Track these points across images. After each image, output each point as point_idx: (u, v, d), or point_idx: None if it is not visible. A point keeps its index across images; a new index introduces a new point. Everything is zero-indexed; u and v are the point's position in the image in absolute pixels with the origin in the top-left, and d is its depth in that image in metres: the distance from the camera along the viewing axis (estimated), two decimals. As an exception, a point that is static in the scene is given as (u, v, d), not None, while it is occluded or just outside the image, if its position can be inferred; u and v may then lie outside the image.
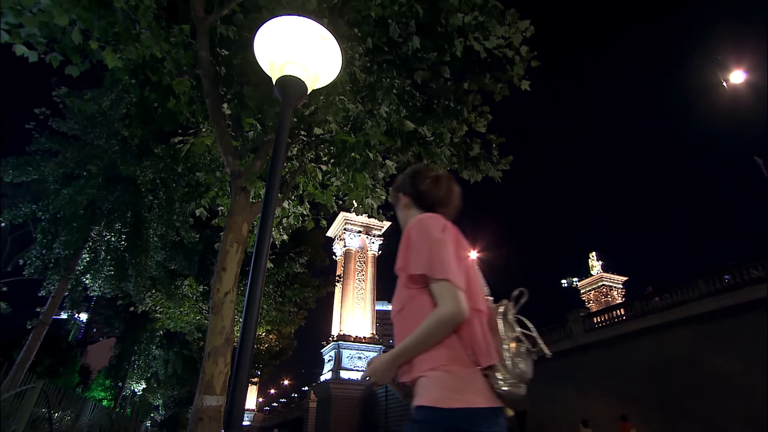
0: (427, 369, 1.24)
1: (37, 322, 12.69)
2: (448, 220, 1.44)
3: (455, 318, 1.21)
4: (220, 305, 4.55)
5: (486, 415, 1.18)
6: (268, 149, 5.37)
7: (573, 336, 21.42)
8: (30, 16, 3.89)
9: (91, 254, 13.27)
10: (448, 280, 1.24)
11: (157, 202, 12.62)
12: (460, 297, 1.23)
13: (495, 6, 5.23)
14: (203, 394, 4.14)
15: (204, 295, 14.55)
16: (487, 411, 1.19)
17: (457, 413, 1.15)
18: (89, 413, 10.34)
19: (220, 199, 6.78)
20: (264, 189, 2.43)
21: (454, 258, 1.30)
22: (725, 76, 17.79)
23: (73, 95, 11.77)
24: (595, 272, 75.30)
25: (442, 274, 1.25)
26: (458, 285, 1.25)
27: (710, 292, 16.11)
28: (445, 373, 1.21)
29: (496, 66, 5.68)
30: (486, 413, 1.19)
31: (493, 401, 1.22)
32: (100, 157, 12.02)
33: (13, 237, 16.54)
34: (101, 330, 62.59)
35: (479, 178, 6.30)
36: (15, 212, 12.46)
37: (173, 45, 4.58)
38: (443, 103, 5.91)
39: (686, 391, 15.97)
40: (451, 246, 1.32)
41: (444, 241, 1.32)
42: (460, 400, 1.17)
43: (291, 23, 2.23)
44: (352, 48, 5.05)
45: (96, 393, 28.36)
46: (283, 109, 2.18)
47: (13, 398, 6.59)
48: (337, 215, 44.64)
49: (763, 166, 17.74)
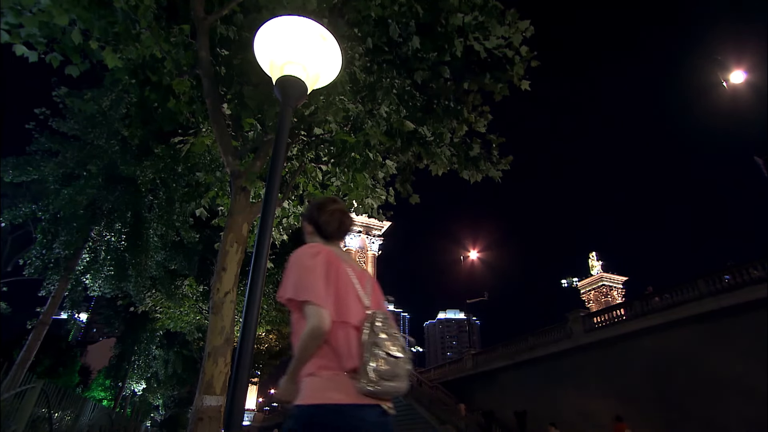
0: (303, 376, 1.48)
1: (37, 322, 12.69)
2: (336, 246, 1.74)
3: (316, 332, 1.42)
4: (220, 305, 4.55)
5: (347, 410, 1.39)
6: (268, 149, 5.37)
7: (573, 336, 21.41)
8: (30, 16, 3.89)
9: (91, 254, 13.27)
10: (309, 301, 1.45)
11: (157, 202, 12.63)
12: (321, 314, 1.44)
13: (495, 6, 5.23)
14: (203, 394, 4.14)
15: (204, 295, 14.55)
16: (349, 407, 1.39)
17: (319, 408, 1.38)
18: (89, 413, 10.34)
19: (220, 199, 6.77)
20: (264, 189, 2.43)
21: (322, 280, 1.51)
22: (725, 76, 17.79)
23: (73, 95, 11.77)
24: (595, 272, 75.31)
25: (304, 296, 1.46)
26: (319, 304, 1.45)
27: (710, 292, 16.10)
28: (313, 377, 1.45)
29: (496, 66, 5.68)
30: (347, 408, 1.39)
31: (357, 399, 1.41)
32: (100, 157, 12.03)
33: (13, 237, 16.53)
34: (101, 330, 62.61)
35: (479, 178, 6.28)
36: (15, 212, 12.46)
37: (173, 45, 4.58)
38: (443, 103, 5.91)
39: (686, 391, 15.96)
40: (319, 270, 1.53)
41: (311, 268, 1.53)
42: (322, 398, 1.40)
43: (291, 23, 2.23)
44: (352, 48, 5.05)
45: (96, 393, 28.36)
46: (283, 109, 2.18)
47: (13, 398, 6.59)
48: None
49: (763, 166, 17.74)
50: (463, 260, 45.05)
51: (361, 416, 1.40)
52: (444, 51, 5.45)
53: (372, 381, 1.40)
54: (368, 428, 1.40)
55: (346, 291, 1.58)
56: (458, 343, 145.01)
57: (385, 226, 46.13)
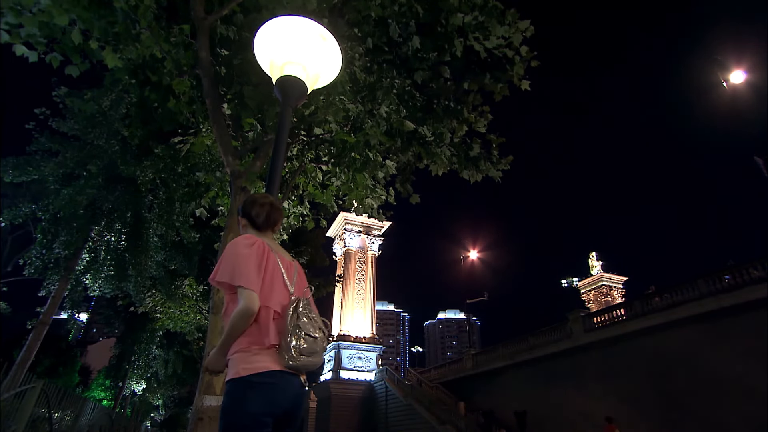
0: (234, 352, 1.68)
1: (37, 322, 12.68)
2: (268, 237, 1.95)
3: (247, 312, 1.63)
4: (220, 305, 4.55)
5: (278, 374, 1.63)
6: (268, 149, 5.37)
7: (573, 336, 21.40)
8: (30, 16, 3.88)
9: (91, 254, 13.26)
10: (242, 285, 1.65)
11: (157, 202, 12.61)
12: (252, 297, 1.64)
13: (495, 6, 5.22)
14: (203, 394, 4.14)
15: (204, 295, 14.55)
16: (279, 372, 1.64)
17: (254, 375, 1.60)
18: (89, 413, 10.33)
19: (220, 199, 6.77)
20: (264, 189, 2.43)
21: (255, 268, 1.71)
22: (725, 76, 17.78)
23: (73, 95, 11.77)
24: (595, 272, 75.23)
25: (239, 281, 1.66)
26: (251, 288, 1.66)
27: (710, 292, 16.09)
28: (244, 352, 1.66)
29: (496, 66, 5.67)
30: (278, 373, 1.64)
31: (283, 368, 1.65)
32: (100, 157, 12.02)
33: (13, 237, 16.53)
34: (101, 330, 62.57)
35: (479, 178, 6.28)
36: (15, 212, 12.45)
37: (173, 45, 4.58)
38: (443, 103, 5.90)
39: (686, 391, 15.95)
40: (254, 258, 1.73)
41: (247, 256, 1.72)
42: (255, 368, 1.61)
43: (291, 23, 2.23)
44: (352, 48, 5.05)
45: (96, 393, 28.35)
46: (283, 109, 2.18)
47: (13, 398, 6.58)
48: (337, 215, 44.63)
49: (763, 166, 17.73)
50: (463, 260, 45.04)
51: (288, 380, 1.66)
52: (444, 51, 5.45)
53: (293, 356, 1.64)
54: (295, 392, 1.68)
55: (273, 278, 1.79)
56: (458, 343, 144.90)
57: (385, 226, 46.10)
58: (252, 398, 1.57)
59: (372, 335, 41.13)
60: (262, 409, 1.57)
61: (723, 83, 17.85)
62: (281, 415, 1.64)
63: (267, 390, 1.60)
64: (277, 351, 1.67)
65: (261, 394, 1.59)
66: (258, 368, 1.62)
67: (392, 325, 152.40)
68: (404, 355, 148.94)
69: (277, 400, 1.62)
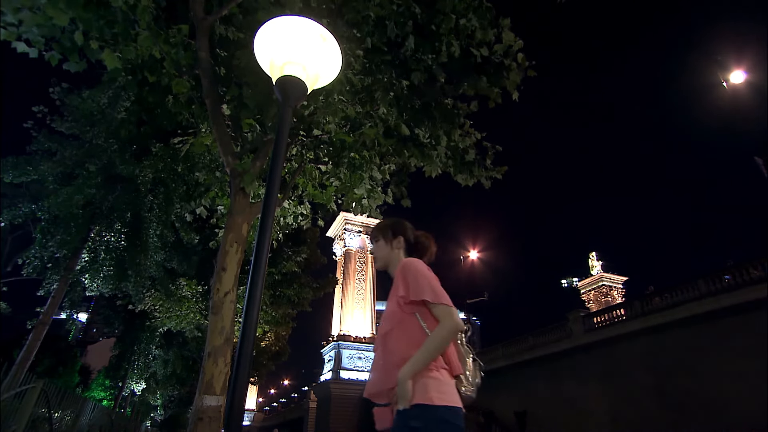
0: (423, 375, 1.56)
1: (37, 322, 12.67)
2: None
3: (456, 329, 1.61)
4: (220, 305, 4.55)
5: (461, 412, 1.56)
6: (267, 149, 5.37)
7: (573, 336, 21.41)
8: (29, 15, 3.88)
9: (91, 254, 13.25)
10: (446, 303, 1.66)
11: (157, 202, 12.61)
12: (457, 314, 1.64)
13: (488, 8, 5.23)
14: (203, 394, 4.14)
15: (204, 295, 14.55)
16: (460, 409, 1.57)
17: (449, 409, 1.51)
18: (89, 413, 10.33)
19: (220, 199, 6.78)
20: (264, 189, 2.43)
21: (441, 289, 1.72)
22: (725, 76, 17.79)
23: (71, 93, 11.77)
24: (595, 272, 75.25)
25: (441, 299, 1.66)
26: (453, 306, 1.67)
27: (710, 292, 16.11)
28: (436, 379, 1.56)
29: (493, 69, 5.67)
30: (461, 411, 1.56)
31: (460, 402, 1.59)
32: (98, 156, 12.00)
33: (13, 237, 16.52)
34: (101, 330, 62.54)
35: (471, 182, 6.30)
36: (15, 212, 12.44)
37: (172, 45, 4.57)
38: (440, 107, 5.90)
39: (686, 391, 15.96)
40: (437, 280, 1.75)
41: (434, 278, 1.75)
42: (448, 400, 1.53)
43: (291, 23, 2.23)
44: (351, 49, 5.05)
45: (96, 393, 28.32)
46: (282, 109, 2.18)
47: (13, 398, 6.58)
48: (336, 215, 44.63)
49: (763, 166, 17.74)
50: (463, 260, 45.08)
51: (462, 418, 1.56)
52: (441, 53, 5.44)
53: (470, 388, 1.65)
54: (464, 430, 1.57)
55: None
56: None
57: (385, 226, 46.06)
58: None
59: (372, 335, 41.12)
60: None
61: (723, 83, 17.87)
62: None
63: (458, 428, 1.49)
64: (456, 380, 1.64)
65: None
66: (452, 401, 1.54)
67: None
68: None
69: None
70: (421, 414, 1.47)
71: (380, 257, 2.02)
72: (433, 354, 1.57)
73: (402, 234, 2.04)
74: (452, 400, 1.54)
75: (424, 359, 1.56)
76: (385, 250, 2.02)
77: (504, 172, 6.35)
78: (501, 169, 6.36)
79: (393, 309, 1.77)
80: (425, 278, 1.72)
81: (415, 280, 1.73)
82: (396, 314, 1.75)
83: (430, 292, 1.68)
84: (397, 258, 1.98)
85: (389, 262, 2.00)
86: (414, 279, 1.74)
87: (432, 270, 1.86)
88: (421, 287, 1.70)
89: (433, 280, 1.74)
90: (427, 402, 1.49)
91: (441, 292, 1.69)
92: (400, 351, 1.62)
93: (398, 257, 1.98)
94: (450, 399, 1.53)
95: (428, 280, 1.72)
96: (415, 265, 1.80)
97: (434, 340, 1.58)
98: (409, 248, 2.02)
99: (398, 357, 1.61)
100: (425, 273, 1.76)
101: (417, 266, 1.79)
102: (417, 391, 1.52)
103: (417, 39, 5.35)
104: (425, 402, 1.49)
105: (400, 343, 1.65)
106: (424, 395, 1.50)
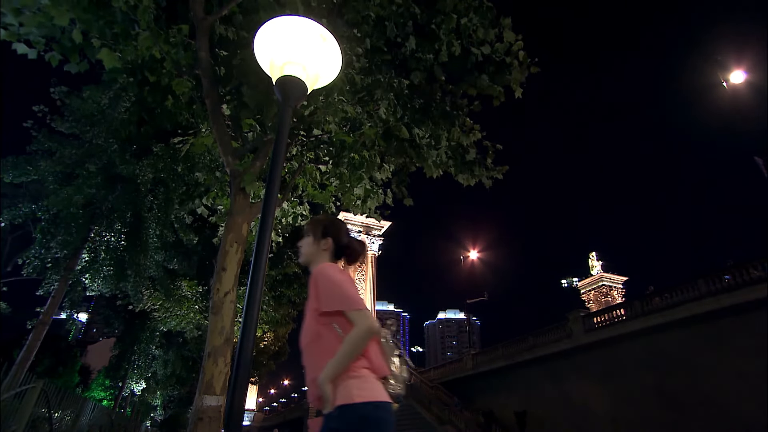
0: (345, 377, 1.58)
1: (37, 322, 12.68)
2: None
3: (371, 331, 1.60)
4: (220, 305, 4.55)
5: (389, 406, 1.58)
6: (267, 149, 5.37)
7: (573, 336, 21.39)
8: (30, 16, 3.88)
9: (91, 254, 13.26)
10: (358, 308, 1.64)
11: (157, 202, 12.61)
12: (371, 315, 1.63)
13: (489, 8, 5.23)
14: (203, 394, 4.14)
15: (204, 295, 14.56)
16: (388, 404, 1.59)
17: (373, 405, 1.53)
18: (89, 413, 10.32)
19: (219, 199, 6.78)
20: (264, 189, 2.43)
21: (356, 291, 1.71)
22: (725, 76, 17.80)
23: (71, 93, 11.77)
24: (595, 272, 75.22)
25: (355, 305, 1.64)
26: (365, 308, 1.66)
27: (710, 292, 16.09)
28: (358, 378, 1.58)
29: (494, 68, 5.67)
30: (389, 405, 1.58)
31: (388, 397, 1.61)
32: (98, 155, 12.01)
33: (13, 237, 16.52)
34: (101, 330, 62.53)
35: (472, 182, 6.28)
36: (15, 212, 12.44)
37: (172, 45, 4.57)
38: (440, 107, 5.90)
39: (686, 391, 15.96)
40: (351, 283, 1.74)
41: (347, 281, 1.73)
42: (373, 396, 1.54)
43: (291, 23, 2.23)
44: (351, 49, 5.05)
45: (96, 393, 28.33)
46: (282, 109, 2.18)
47: (13, 398, 6.58)
48: (336, 216, 44.54)
49: (763, 166, 17.74)
50: (463, 260, 45.08)
51: (390, 411, 1.59)
52: (441, 52, 5.44)
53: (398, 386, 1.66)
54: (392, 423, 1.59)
55: None
56: (458, 343, 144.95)
57: (385, 226, 46.09)
58: None
59: (372, 335, 41.04)
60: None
61: (723, 83, 17.87)
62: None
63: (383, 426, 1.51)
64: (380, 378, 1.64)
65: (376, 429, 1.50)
66: (375, 396, 1.55)
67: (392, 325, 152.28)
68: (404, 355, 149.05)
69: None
70: (342, 414, 1.50)
71: (304, 253, 1.96)
72: (350, 357, 1.58)
73: (333, 236, 1.98)
74: (375, 395, 1.55)
75: (342, 363, 1.57)
76: (311, 248, 1.96)
77: (505, 171, 6.35)
78: (502, 168, 6.35)
79: (309, 322, 1.75)
80: (337, 286, 1.69)
81: (326, 289, 1.71)
82: (312, 327, 1.72)
83: (340, 300, 1.66)
84: (320, 259, 1.92)
85: (312, 261, 1.93)
86: (325, 288, 1.71)
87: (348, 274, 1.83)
88: (333, 297, 1.68)
89: (347, 284, 1.71)
90: (348, 402, 1.51)
91: (354, 297, 1.67)
92: (322, 360, 1.62)
93: (321, 259, 1.92)
94: (372, 395, 1.55)
95: (341, 287, 1.69)
96: (326, 272, 1.75)
97: (349, 344, 1.58)
98: (338, 251, 1.97)
99: (322, 366, 1.61)
100: (338, 280, 1.72)
101: (328, 273, 1.75)
102: (339, 393, 1.54)
103: (417, 39, 5.35)
104: (346, 402, 1.51)
105: (320, 357, 1.64)
106: (346, 396, 1.53)
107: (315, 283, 1.75)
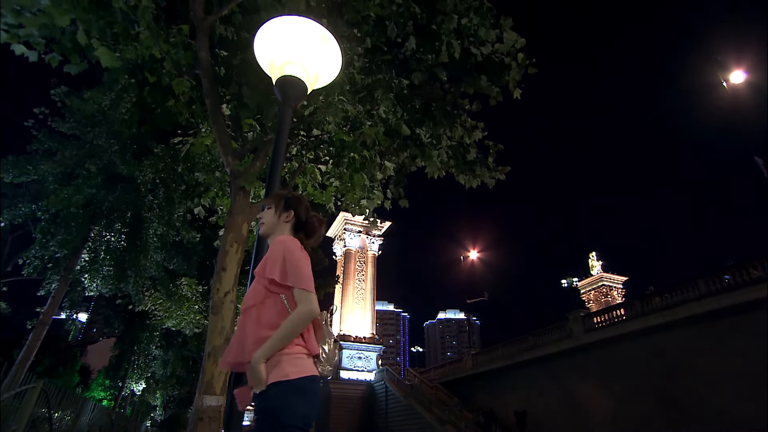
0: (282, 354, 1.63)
1: (37, 322, 12.67)
2: None
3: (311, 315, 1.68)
4: (220, 305, 4.55)
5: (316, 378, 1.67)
6: (267, 149, 5.37)
7: (573, 336, 21.39)
8: (30, 17, 3.87)
9: (91, 254, 13.25)
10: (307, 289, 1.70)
11: (157, 202, 12.61)
12: (315, 301, 1.70)
13: (489, 9, 5.23)
14: (203, 394, 4.14)
15: (204, 295, 14.55)
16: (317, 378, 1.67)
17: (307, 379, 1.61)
18: (89, 413, 10.32)
19: (220, 199, 6.77)
20: (264, 189, 2.43)
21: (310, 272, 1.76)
22: (725, 76, 17.79)
23: (72, 95, 11.77)
24: (595, 272, 75.29)
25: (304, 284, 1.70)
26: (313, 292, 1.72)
27: (710, 292, 16.09)
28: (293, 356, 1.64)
29: (493, 68, 5.66)
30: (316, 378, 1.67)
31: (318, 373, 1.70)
32: (99, 156, 12.01)
33: (13, 237, 16.52)
34: (101, 330, 62.53)
35: (474, 184, 6.23)
36: (15, 212, 12.44)
37: (172, 45, 4.57)
38: (440, 106, 5.89)
39: (686, 391, 15.96)
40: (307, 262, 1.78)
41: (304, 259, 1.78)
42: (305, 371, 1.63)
43: (291, 23, 2.23)
44: (351, 48, 5.05)
45: (96, 393, 28.32)
46: (282, 109, 2.18)
47: (13, 398, 6.58)
48: (336, 215, 44.63)
49: (763, 166, 17.74)
50: (463, 260, 45.10)
51: (318, 384, 1.70)
52: (441, 52, 5.44)
53: (327, 367, 1.75)
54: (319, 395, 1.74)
55: None
56: (458, 343, 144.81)
57: (385, 226, 46.11)
58: (302, 402, 1.56)
59: (372, 335, 41.14)
60: (309, 414, 1.58)
61: (723, 83, 17.87)
62: None
63: (314, 396, 1.62)
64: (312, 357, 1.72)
65: (309, 399, 1.59)
66: (306, 372, 1.63)
67: (392, 325, 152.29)
68: (404, 355, 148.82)
69: (317, 406, 1.65)
70: (279, 391, 1.55)
71: (266, 224, 1.98)
72: (288, 338, 1.63)
73: (294, 209, 2.00)
74: (307, 370, 1.64)
75: (278, 343, 1.62)
76: (272, 220, 1.99)
77: (507, 171, 6.31)
78: (504, 168, 6.31)
79: (258, 287, 1.78)
80: (296, 262, 1.74)
81: (285, 261, 1.75)
82: (260, 292, 1.76)
83: (295, 276, 1.70)
84: (281, 231, 1.95)
85: (272, 232, 1.97)
86: (284, 261, 1.75)
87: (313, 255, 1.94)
88: (289, 271, 1.72)
89: (303, 262, 1.76)
90: (283, 378, 1.57)
91: (307, 277, 1.72)
92: (258, 330, 1.66)
93: (282, 230, 1.96)
94: (305, 370, 1.63)
95: (298, 263, 1.74)
96: (289, 245, 1.80)
97: (288, 325, 1.64)
98: (297, 226, 1.99)
99: (255, 336, 1.65)
100: (298, 256, 1.76)
101: (291, 247, 1.79)
102: (272, 371, 1.59)
103: (417, 39, 5.35)
104: (281, 378, 1.57)
105: (260, 322, 1.68)
106: (280, 372, 1.58)
107: (278, 253, 1.78)
